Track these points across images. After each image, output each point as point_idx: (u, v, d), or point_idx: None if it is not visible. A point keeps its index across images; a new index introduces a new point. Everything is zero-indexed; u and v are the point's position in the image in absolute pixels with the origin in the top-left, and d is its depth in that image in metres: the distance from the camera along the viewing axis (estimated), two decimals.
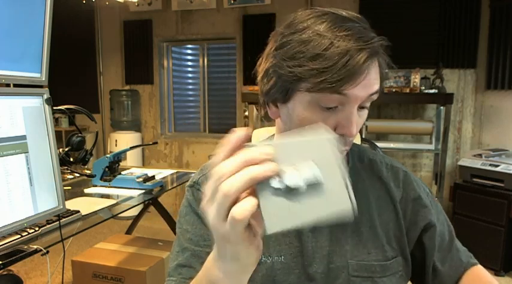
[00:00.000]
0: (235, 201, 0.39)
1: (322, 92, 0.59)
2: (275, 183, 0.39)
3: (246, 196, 0.39)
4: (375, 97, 0.63)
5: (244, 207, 0.39)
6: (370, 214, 0.74)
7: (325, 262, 0.71)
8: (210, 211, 0.41)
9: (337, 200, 0.39)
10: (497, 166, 2.89)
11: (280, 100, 0.67)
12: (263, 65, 0.67)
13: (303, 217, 0.39)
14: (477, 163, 3.00)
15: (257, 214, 0.40)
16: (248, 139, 0.41)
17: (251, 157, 0.39)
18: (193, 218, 0.72)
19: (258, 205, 0.39)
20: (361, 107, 0.64)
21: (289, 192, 0.39)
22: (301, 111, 0.64)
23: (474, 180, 3.02)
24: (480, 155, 3.06)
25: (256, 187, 0.39)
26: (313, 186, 0.39)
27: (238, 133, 0.41)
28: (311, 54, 0.58)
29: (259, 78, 0.69)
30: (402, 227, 0.75)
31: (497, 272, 2.87)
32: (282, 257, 0.71)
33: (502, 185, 2.84)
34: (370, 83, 0.60)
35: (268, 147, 0.39)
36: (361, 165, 0.78)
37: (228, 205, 0.39)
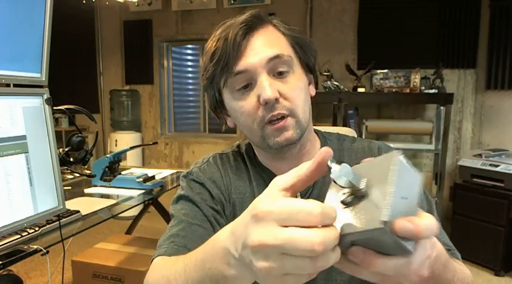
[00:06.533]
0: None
1: (230, 79, 0.70)
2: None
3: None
4: (282, 60, 0.69)
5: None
6: None
7: None
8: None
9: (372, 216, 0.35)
10: (497, 166, 2.88)
11: (221, 107, 0.76)
12: None
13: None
14: (477, 163, 3.00)
15: None
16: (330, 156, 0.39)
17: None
18: (188, 202, 0.76)
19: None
20: (279, 73, 0.70)
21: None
22: (234, 105, 0.72)
23: (474, 180, 3.02)
24: (480, 155, 3.06)
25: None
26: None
27: (326, 150, 0.39)
28: (209, 59, 0.72)
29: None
30: None
31: (497, 272, 2.87)
32: None
33: (502, 185, 2.84)
34: (258, 51, 0.69)
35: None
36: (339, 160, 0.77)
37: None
